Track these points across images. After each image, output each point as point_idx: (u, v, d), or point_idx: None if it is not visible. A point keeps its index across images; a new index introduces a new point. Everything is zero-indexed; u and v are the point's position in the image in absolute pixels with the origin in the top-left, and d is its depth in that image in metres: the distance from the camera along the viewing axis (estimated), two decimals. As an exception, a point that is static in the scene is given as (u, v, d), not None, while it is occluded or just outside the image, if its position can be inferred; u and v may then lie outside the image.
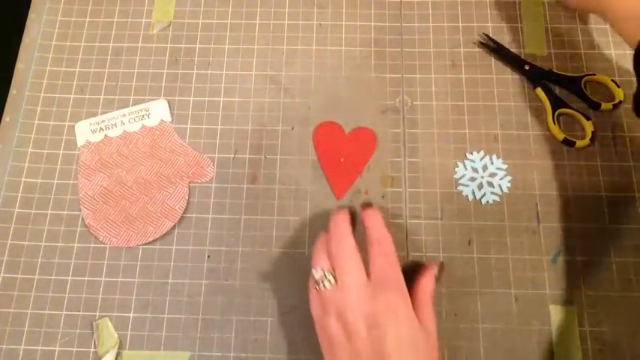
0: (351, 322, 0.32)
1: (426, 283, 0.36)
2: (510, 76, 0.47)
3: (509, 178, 0.44)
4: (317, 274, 0.35)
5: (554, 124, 0.44)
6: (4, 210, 0.44)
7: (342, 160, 0.44)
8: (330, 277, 0.34)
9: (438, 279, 0.38)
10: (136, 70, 0.48)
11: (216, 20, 0.50)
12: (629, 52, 0.47)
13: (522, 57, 0.47)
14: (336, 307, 0.33)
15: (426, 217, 0.43)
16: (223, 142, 0.46)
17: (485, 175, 0.44)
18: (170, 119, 0.46)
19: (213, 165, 0.45)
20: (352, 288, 0.33)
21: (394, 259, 0.35)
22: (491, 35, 0.48)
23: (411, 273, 0.37)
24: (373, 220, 0.37)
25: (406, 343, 0.32)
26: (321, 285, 0.34)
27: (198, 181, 0.44)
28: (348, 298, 0.33)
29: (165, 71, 0.48)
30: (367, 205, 0.40)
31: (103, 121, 0.46)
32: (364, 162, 0.44)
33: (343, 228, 0.36)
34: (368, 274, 0.34)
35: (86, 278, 0.42)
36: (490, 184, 0.43)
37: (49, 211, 0.44)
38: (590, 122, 0.44)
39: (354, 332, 0.32)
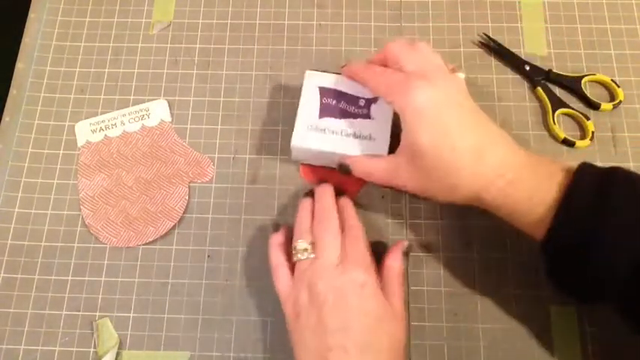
0: (321, 292, 0.34)
1: (391, 262, 0.38)
2: (510, 76, 0.47)
3: (509, 178, 0.43)
4: (300, 244, 0.37)
5: (554, 124, 0.44)
6: (4, 210, 0.44)
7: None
8: (311, 251, 0.36)
9: (405, 257, 0.38)
10: (136, 70, 0.48)
11: (216, 20, 0.50)
12: (630, 52, 0.47)
13: (522, 57, 0.47)
14: (309, 279, 0.35)
15: (425, 217, 0.43)
16: (223, 142, 0.46)
17: (485, 175, 0.44)
18: (170, 119, 0.46)
19: (213, 165, 0.45)
20: (327, 263, 0.35)
21: (363, 244, 0.37)
22: (491, 35, 0.48)
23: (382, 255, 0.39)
24: (345, 210, 0.39)
25: (370, 317, 0.34)
26: (300, 255, 0.36)
27: (198, 181, 0.44)
28: (322, 270, 0.35)
29: (165, 71, 0.48)
30: (339, 194, 0.41)
31: (103, 121, 0.46)
32: (357, 189, 0.44)
33: (329, 206, 0.38)
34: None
35: (86, 278, 0.42)
36: (490, 184, 0.43)
37: (49, 211, 0.44)
38: (590, 122, 0.44)
39: (322, 301, 0.34)
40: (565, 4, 0.49)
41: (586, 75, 0.46)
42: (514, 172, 0.33)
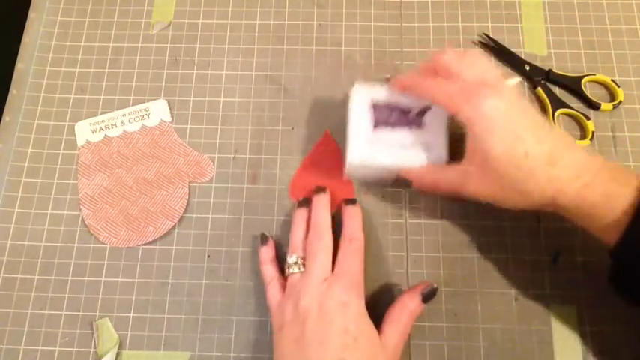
0: (306, 306, 0.35)
1: (407, 299, 0.37)
2: (510, 76, 0.47)
3: (509, 178, 0.43)
4: (292, 259, 0.38)
5: (554, 124, 0.44)
6: (4, 210, 0.44)
7: (323, 167, 0.44)
8: (301, 265, 0.37)
9: (425, 300, 0.37)
10: (136, 70, 0.48)
11: (216, 20, 0.50)
12: (629, 52, 0.47)
13: (522, 57, 0.47)
14: (297, 292, 0.36)
15: (425, 217, 0.43)
16: (223, 142, 0.46)
17: (485, 175, 0.44)
18: (170, 119, 0.46)
19: (213, 165, 0.45)
20: (315, 277, 0.36)
21: (359, 260, 0.37)
22: (491, 35, 0.48)
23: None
24: (352, 219, 0.39)
25: (349, 336, 0.34)
26: (292, 269, 0.37)
27: (198, 181, 0.44)
28: (309, 284, 0.35)
29: (165, 71, 0.48)
30: (351, 201, 0.41)
31: (103, 121, 0.46)
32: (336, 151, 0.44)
33: (323, 221, 0.39)
34: (333, 269, 0.37)
35: (86, 278, 0.42)
36: (490, 184, 0.43)
37: (49, 211, 0.44)
38: (590, 122, 0.44)
39: (305, 315, 0.34)
40: (565, 4, 0.49)
41: (586, 75, 0.46)
42: (591, 175, 0.32)
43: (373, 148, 0.39)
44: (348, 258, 0.37)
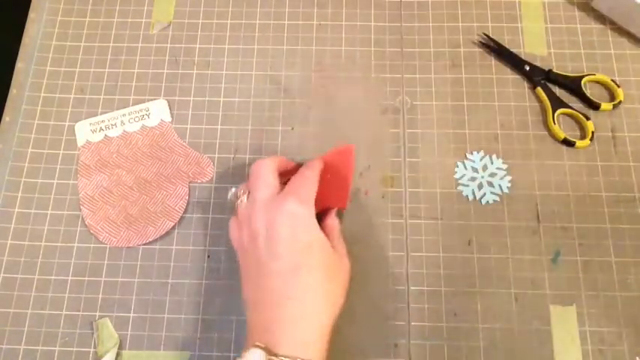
0: (254, 227, 0.35)
1: (330, 221, 0.38)
2: (510, 76, 0.47)
3: (509, 178, 0.44)
4: (231, 193, 0.38)
5: (554, 124, 0.44)
6: (4, 210, 0.44)
7: (328, 176, 0.40)
8: (244, 196, 0.37)
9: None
10: (136, 70, 0.48)
11: (216, 20, 0.50)
12: (629, 52, 0.47)
13: (522, 57, 0.47)
14: (247, 219, 0.36)
15: (426, 217, 0.43)
16: (223, 142, 0.46)
17: (485, 175, 0.44)
18: (170, 119, 0.46)
19: (213, 165, 0.45)
20: (261, 200, 0.36)
21: (312, 181, 0.36)
22: (491, 35, 0.48)
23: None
24: (314, 162, 0.38)
25: (300, 243, 0.34)
26: (237, 202, 0.37)
27: (198, 181, 0.44)
28: (256, 207, 0.35)
29: (165, 71, 0.48)
30: None
31: (103, 121, 0.46)
32: (350, 171, 0.41)
33: (260, 161, 0.38)
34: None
35: (86, 278, 0.42)
36: (490, 184, 0.43)
37: (49, 211, 0.44)
38: (590, 122, 0.44)
39: (256, 236, 0.35)
40: (565, 4, 0.49)
41: (586, 75, 0.46)
42: None
43: None
44: (299, 177, 0.36)
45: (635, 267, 0.41)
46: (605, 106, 0.45)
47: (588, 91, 0.45)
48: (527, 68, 0.46)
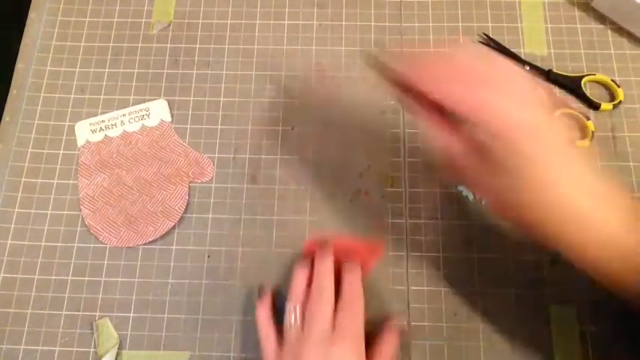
0: None
1: (388, 338, 0.37)
2: (510, 76, 0.47)
3: (509, 178, 0.43)
4: (291, 318, 0.36)
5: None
6: (4, 210, 0.44)
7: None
8: (300, 323, 0.36)
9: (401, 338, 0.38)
10: (136, 70, 0.48)
11: (216, 20, 0.50)
12: (630, 52, 0.47)
13: (522, 57, 0.47)
14: (296, 353, 0.34)
15: (425, 217, 0.43)
16: (223, 142, 0.46)
17: (485, 175, 0.44)
18: (170, 119, 0.46)
19: (213, 165, 0.45)
20: (315, 334, 0.34)
21: (359, 317, 0.36)
22: (491, 35, 0.48)
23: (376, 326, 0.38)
24: (352, 275, 0.37)
25: None
26: (290, 327, 0.36)
27: (198, 181, 0.44)
28: (309, 347, 0.34)
29: (165, 71, 0.48)
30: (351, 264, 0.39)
31: (103, 121, 0.46)
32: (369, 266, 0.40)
33: (326, 284, 0.36)
34: (333, 325, 0.35)
35: (86, 278, 0.42)
36: (490, 184, 0.43)
37: (49, 211, 0.44)
38: (590, 122, 0.44)
39: None
40: (565, 4, 0.49)
41: (586, 75, 0.46)
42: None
43: None
44: (347, 315, 0.35)
45: (635, 267, 0.41)
46: (605, 106, 0.45)
47: (588, 91, 0.45)
48: (527, 68, 0.46)
